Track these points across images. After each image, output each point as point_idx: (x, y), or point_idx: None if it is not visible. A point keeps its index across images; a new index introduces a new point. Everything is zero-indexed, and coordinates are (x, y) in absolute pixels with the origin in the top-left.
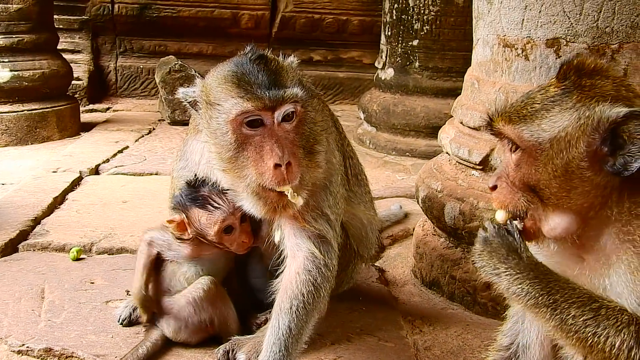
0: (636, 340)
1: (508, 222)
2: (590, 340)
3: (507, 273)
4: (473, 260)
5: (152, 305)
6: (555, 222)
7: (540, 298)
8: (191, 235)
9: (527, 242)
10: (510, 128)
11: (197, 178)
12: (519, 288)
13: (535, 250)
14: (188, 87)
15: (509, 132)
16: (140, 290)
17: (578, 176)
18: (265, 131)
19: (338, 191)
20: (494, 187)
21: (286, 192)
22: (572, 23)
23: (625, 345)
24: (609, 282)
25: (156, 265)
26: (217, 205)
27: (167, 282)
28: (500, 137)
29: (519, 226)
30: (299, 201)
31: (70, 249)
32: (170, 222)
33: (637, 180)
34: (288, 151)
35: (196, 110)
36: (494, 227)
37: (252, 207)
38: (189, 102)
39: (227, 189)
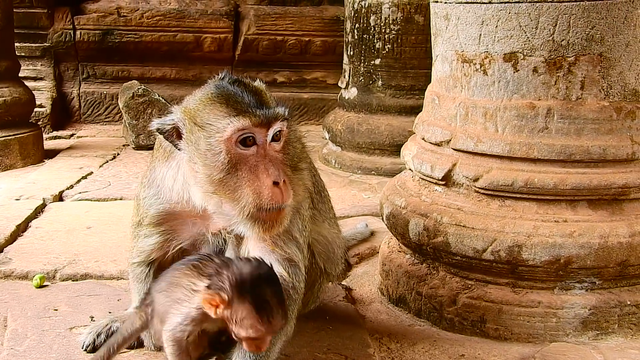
0: None
1: None
2: None
3: None
4: None
5: None
6: None
7: None
8: (217, 316)
9: None
10: None
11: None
12: None
13: None
14: (160, 117)
15: None
16: None
17: None
18: (257, 150)
19: (306, 214)
20: None
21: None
22: (528, 37)
23: None
24: None
25: None
26: (273, 320)
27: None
28: None
29: None
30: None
31: (34, 277)
32: (212, 302)
33: None
34: (281, 170)
35: (172, 141)
36: None
37: (246, 229)
38: (166, 131)
39: (213, 212)
